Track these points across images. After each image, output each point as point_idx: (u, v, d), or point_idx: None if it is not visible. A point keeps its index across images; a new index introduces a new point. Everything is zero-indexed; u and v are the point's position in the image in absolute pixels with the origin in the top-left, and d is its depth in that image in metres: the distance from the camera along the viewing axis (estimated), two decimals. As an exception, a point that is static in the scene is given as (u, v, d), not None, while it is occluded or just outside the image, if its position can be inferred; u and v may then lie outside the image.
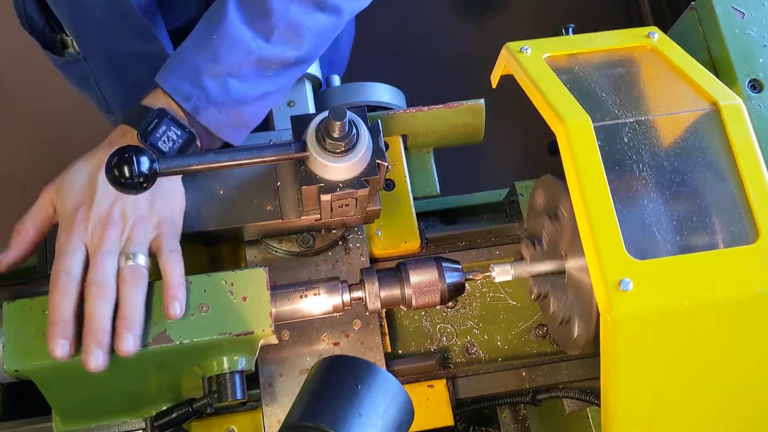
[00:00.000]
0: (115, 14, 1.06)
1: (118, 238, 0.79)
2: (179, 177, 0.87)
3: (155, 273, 0.87)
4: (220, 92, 0.87)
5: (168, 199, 0.84)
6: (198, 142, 0.88)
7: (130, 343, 0.75)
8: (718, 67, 0.93)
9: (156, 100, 0.87)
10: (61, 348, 0.74)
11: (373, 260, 1.03)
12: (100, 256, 0.77)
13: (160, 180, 0.82)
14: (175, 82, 0.86)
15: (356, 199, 0.88)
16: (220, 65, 0.87)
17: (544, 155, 0.97)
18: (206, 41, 0.88)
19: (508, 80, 0.89)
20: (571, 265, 0.82)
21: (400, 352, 1.01)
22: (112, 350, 0.76)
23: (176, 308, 0.78)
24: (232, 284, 0.82)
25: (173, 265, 0.80)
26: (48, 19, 1.15)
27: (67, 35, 1.17)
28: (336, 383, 0.67)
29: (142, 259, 0.79)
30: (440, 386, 0.97)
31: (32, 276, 0.90)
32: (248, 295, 0.82)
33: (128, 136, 0.85)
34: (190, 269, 1.01)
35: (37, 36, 1.17)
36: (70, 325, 0.75)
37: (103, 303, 0.75)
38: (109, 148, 0.83)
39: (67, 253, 0.77)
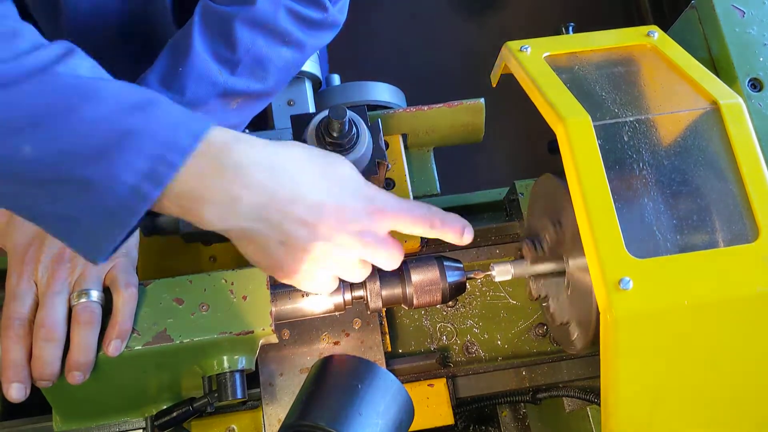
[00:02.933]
0: (97, 20, 1.05)
1: (67, 277, 0.77)
2: None
3: (153, 272, 0.87)
4: None
5: None
6: None
7: (79, 379, 0.76)
8: (719, 65, 0.93)
9: None
10: (16, 391, 0.74)
11: (373, 259, 1.02)
12: (50, 297, 0.75)
13: None
14: None
15: (356, 198, 0.88)
16: (185, 98, 0.86)
17: (544, 154, 0.97)
18: (172, 73, 0.87)
19: (508, 79, 0.89)
20: (572, 267, 0.82)
21: (400, 351, 1.01)
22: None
23: (116, 348, 0.76)
24: (232, 283, 0.82)
25: (126, 302, 0.78)
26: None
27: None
28: (336, 382, 0.67)
29: (95, 295, 0.77)
30: (440, 385, 0.97)
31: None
32: (248, 294, 0.82)
33: None
34: (191, 268, 1.01)
35: None
36: (23, 368, 0.74)
37: (51, 346, 0.74)
38: None
39: (17, 297, 0.75)
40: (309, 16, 0.93)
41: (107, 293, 0.79)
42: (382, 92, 1.40)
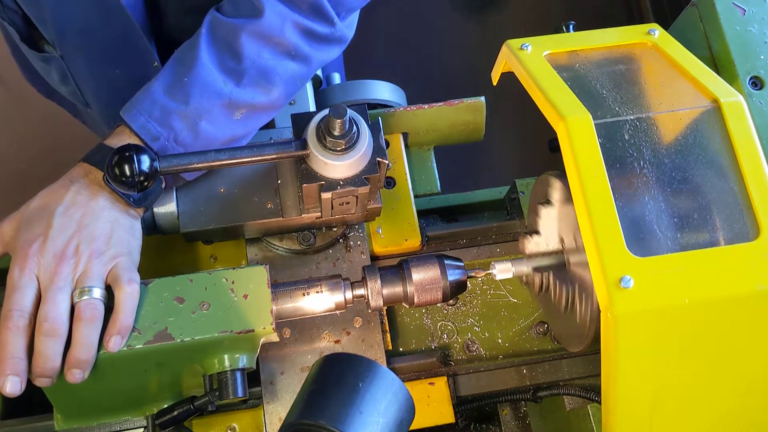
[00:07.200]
0: (98, 13, 1.05)
1: (70, 273, 0.77)
2: (139, 215, 0.86)
3: (153, 271, 0.87)
4: (189, 134, 0.87)
5: (126, 235, 0.83)
6: (162, 182, 0.89)
7: (78, 377, 0.76)
8: (719, 64, 0.93)
9: (121, 141, 0.86)
10: (11, 384, 0.73)
11: (374, 258, 1.03)
12: (53, 292, 0.76)
13: (119, 216, 0.83)
14: (143, 121, 0.86)
15: (357, 197, 0.88)
16: (190, 107, 0.87)
17: (544, 153, 0.97)
18: (177, 83, 0.87)
19: (508, 78, 0.89)
20: (571, 253, 0.82)
21: (401, 349, 1.01)
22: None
23: (117, 344, 0.77)
24: (233, 282, 0.82)
25: (128, 297, 0.78)
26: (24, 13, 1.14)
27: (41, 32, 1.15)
28: (337, 381, 0.67)
29: (98, 292, 0.77)
30: (441, 384, 0.97)
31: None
32: (249, 293, 0.82)
33: (92, 175, 0.84)
34: (191, 267, 1.01)
35: (16, 27, 1.16)
36: (21, 361, 0.74)
37: (53, 341, 0.74)
38: (68, 185, 0.82)
39: (19, 289, 0.75)
40: (316, 31, 0.94)
41: (109, 291, 0.79)
42: (383, 91, 1.40)
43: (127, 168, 0.77)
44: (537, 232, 0.90)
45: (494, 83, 0.92)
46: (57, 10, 1.03)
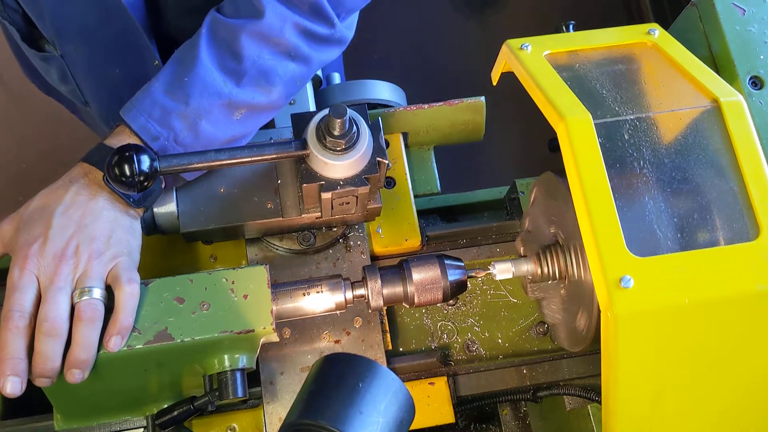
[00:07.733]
0: (98, 12, 1.05)
1: (70, 273, 0.77)
2: (139, 215, 0.86)
3: (153, 271, 0.87)
4: (189, 134, 0.87)
5: (126, 235, 0.83)
6: (162, 182, 0.89)
7: (78, 377, 0.76)
8: (719, 63, 0.93)
9: (121, 141, 0.86)
10: (11, 385, 0.73)
11: (374, 258, 1.03)
12: (53, 292, 0.76)
13: (119, 216, 0.83)
14: (142, 121, 0.86)
15: (357, 197, 0.88)
16: (190, 107, 0.87)
17: (544, 152, 0.97)
18: (177, 83, 0.88)
19: (508, 77, 0.89)
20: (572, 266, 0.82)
21: (401, 349, 1.01)
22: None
23: (117, 344, 0.77)
24: (232, 282, 0.82)
25: (128, 297, 0.78)
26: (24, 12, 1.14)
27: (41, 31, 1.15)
28: (337, 381, 0.67)
29: (98, 293, 0.77)
30: (441, 384, 0.97)
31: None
32: (249, 293, 0.82)
33: (91, 175, 0.84)
34: (191, 267, 1.01)
35: (16, 26, 1.16)
36: (21, 361, 0.74)
37: (53, 342, 0.74)
38: (68, 185, 0.83)
39: (19, 289, 0.75)
40: (316, 32, 0.94)
41: (109, 291, 0.79)
42: (383, 91, 1.40)
43: (127, 168, 0.77)
44: (549, 253, 0.89)
45: (494, 83, 0.92)
46: (57, 10, 1.03)
